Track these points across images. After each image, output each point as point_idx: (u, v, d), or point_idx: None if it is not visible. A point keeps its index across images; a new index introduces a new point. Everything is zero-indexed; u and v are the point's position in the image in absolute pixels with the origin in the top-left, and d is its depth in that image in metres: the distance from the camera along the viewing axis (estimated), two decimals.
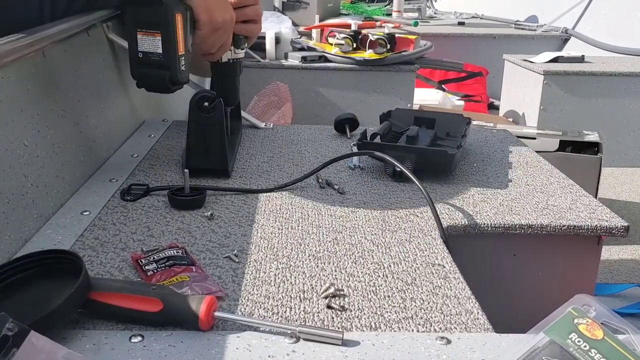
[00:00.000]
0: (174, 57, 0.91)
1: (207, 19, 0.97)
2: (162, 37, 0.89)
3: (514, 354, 0.53)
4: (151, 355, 0.56)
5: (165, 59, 0.91)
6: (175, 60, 0.92)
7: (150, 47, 0.90)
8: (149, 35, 0.90)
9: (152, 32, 0.89)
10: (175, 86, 0.96)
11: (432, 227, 0.87)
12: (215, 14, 0.98)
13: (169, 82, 0.94)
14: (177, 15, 0.90)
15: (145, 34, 0.90)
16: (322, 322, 0.63)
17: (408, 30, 3.46)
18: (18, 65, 0.82)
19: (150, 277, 0.69)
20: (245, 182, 1.02)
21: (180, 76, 0.94)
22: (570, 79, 2.66)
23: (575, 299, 0.57)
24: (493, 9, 4.50)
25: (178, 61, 0.92)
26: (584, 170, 1.82)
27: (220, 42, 1.03)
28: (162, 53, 0.90)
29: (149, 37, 0.90)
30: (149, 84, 0.96)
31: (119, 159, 1.11)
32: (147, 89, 0.97)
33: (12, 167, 0.77)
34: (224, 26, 1.00)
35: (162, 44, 0.90)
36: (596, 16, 3.70)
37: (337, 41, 2.40)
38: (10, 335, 0.47)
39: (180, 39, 0.91)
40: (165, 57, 0.91)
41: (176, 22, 0.90)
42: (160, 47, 0.90)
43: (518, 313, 0.94)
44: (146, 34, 0.90)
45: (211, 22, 0.98)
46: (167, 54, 0.91)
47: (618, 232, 0.92)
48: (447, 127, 1.21)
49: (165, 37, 0.90)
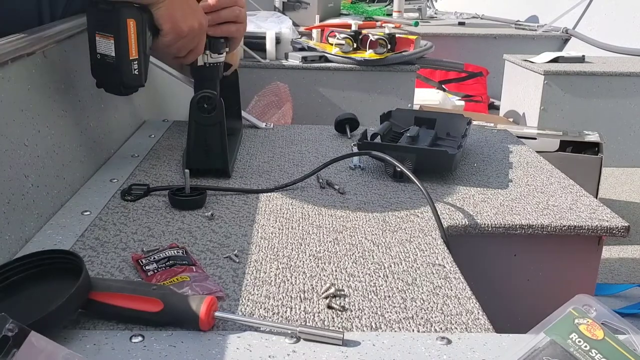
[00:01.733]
0: (125, 61, 0.91)
1: (171, 27, 0.95)
2: (115, 41, 0.90)
3: (515, 354, 0.53)
4: (151, 355, 0.56)
5: (118, 62, 0.91)
6: (127, 64, 0.92)
7: (106, 50, 0.91)
8: (105, 38, 0.90)
9: (107, 35, 0.90)
10: (128, 89, 0.96)
11: (433, 227, 0.87)
12: (180, 23, 0.96)
13: (120, 86, 0.95)
14: (129, 20, 0.90)
15: (102, 37, 0.91)
16: (323, 322, 0.63)
17: (408, 30, 3.46)
18: (19, 65, 0.82)
19: (150, 277, 0.69)
20: (245, 182, 1.02)
21: (132, 80, 0.94)
22: (571, 79, 2.66)
23: (575, 299, 0.57)
24: (493, 9, 4.50)
25: (130, 65, 0.92)
26: (584, 171, 1.82)
27: (188, 48, 1.01)
28: (115, 56, 0.91)
29: (105, 39, 0.90)
30: (105, 86, 0.96)
31: (119, 159, 1.11)
32: (105, 90, 0.97)
33: (12, 167, 0.77)
34: (190, 34, 0.98)
35: (115, 48, 0.90)
36: (596, 16, 3.70)
37: (337, 41, 2.39)
38: (10, 336, 0.47)
39: (133, 43, 0.91)
40: (117, 60, 0.91)
41: (128, 27, 0.90)
42: (114, 51, 0.91)
43: (518, 313, 0.94)
44: (102, 37, 0.91)
45: (175, 31, 0.96)
46: (119, 58, 0.91)
47: (618, 233, 0.92)
48: (448, 127, 1.21)
49: (117, 41, 0.90)
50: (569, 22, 3.83)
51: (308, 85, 2.37)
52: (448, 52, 3.40)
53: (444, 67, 3.03)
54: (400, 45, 2.41)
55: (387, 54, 2.33)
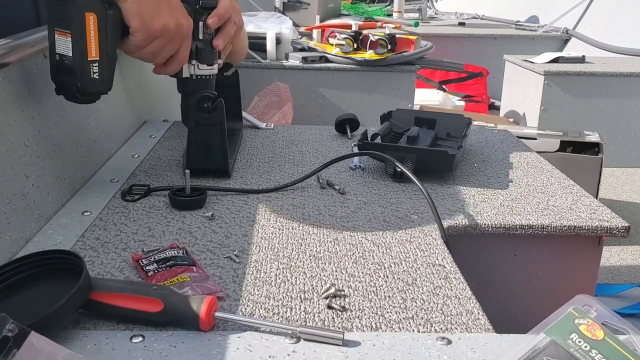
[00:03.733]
0: (82, 62, 0.79)
1: (140, 24, 0.83)
2: (72, 38, 0.78)
3: (515, 354, 0.53)
4: (152, 355, 0.56)
5: (74, 63, 0.79)
6: (84, 65, 0.80)
7: (64, 49, 0.79)
8: (63, 36, 0.79)
9: (64, 32, 0.78)
10: (85, 97, 0.83)
11: (433, 228, 0.87)
12: (151, 20, 0.83)
13: (76, 91, 0.82)
14: (88, 14, 0.78)
15: (60, 34, 0.79)
16: (323, 323, 0.63)
17: (409, 30, 3.46)
18: (19, 65, 0.82)
19: (151, 277, 0.69)
20: (246, 182, 1.02)
21: (90, 85, 0.81)
22: (571, 79, 2.66)
23: (576, 299, 0.57)
24: (494, 10, 4.50)
25: (88, 67, 0.80)
26: (584, 171, 1.82)
27: (165, 53, 0.89)
28: (72, 57, 0.79)
29: (63, 37, 0.79)
30: (63, 92, 0.84)
31: (119, 160, 1.11)
32: (64, 97, 0.84)
33: (13, 167, 0.77)
34: (166, 34, 0.86)
35: (72, 46, 0.79)
36: (597, 17, 3.70)
37: (337, 41, 2.40)
38: (10, 336, 0.47)
39: (93, 41, 0.79)
40: (74, 61, 0.79)
41: (87, 22, 0.78)
42: (71, 50, 0.79)
43: (519, 313, 0.94)
44: (60, 34, 0.79)
45: (145, 29, 0.83)
46: (75, 58, 0.79)
47: (619, 233, 0.92)
48: (448, 127, 1.22)
49: (74, 38, 0.78)
50: (569, 22, 3.83)
51: (308, 86, 2.37)
52: (448, 52, 3.41)
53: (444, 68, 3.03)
54: (400, 46, 2.42)
55: (387, 54, 2.33)
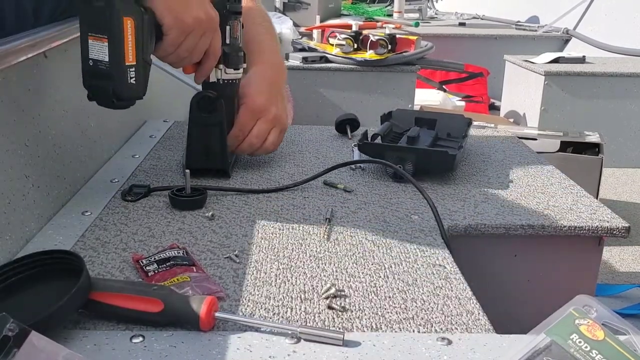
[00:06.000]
0: (120, 67, 0.80)
1: (172, 21, 0.83)
2: (109, 42, 0.79)
3: (515, 354, 0.53)
4: (152, 355, 0.56)
5: (111, 68, 0.79)
6: (122, 70, 0.80)
7: (99, 55, 0.79)
8: (98, 41, 0.79)
9: (100, 37, 0.79)
10: (121, 101, 0.83)
11: (433, 228, 0.87)
12: (182, 14, 0.83)
13: (112, 96, 0.82)
14: (126, 19, 0.78)
15: (95, 39, 0.79)
16: (323, 323, 0.63)
17: (409, 30, 3.46)
18: (19, 65, 0.82)
19: (151, 277, 0.69)
20: (246, 182, 1.02)
21: (127, 90, 0.82)
22: (571, 79, 2.66)
23: (576, 299, 0.57)
24: (494, 10, 4.50)
25: (125, 73, 0.80)
26: (584, 171, 1.82)
27: (200, 47, 0.88)
28: (109, 61, 0.79)
29: (98, 42, 0.79)
30: (97, 97, 0.84)
31: (120, 160, 1.11)
32: (98, 102, 0.84)
33: (13, 167, 0.77)
34: (199, 26, 0.85)
35: (109, 51, 0.79)
36: (597, 17, 3.70)
37: (338, 42, 2.40)
38: (11, 336, 0.47)
39: (130, 46, 0.79)
40: (111, 66, 0.79)
41: (124, 26, 0.79)
42: (107, 55, 0.79)
43: (519, 314, 0.94)
44: (95, 39, 0.79)
45: (178, 24, 0.83)
46: (112, 63, 0.79)
47: (619, 233, 0.91)
48: (448, 127, 1.21)
49: (111, 43, 0.79)
50: (569, 22, 3.83)
51: (308, 86, 2.37)
52: (448, 52, 3.40)
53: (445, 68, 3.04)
54: (400, 46, 2.42)
55: (387, 54, 2.33)
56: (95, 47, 0.80)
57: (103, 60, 0.80)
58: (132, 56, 0.80)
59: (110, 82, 0.81)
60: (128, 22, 0.79)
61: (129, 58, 0.80)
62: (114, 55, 0.79)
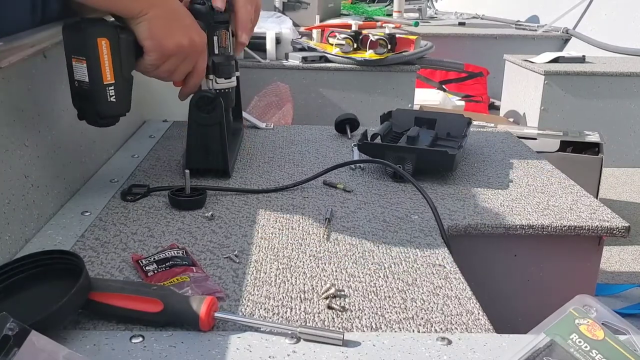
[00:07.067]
0: (98, 87, 0.82)
1: (153, 45, 0.85)
2: (86, 63, 0.81)
3: (515, 354, 0.53)
4: (152, 355, 0.56)
5: (91, 88, 0.82)
6: (101, 90, 0.83)
7: (81, 76, 0.82)
8: (79, 62, 0.82)
9: (80, 59, 0.82)
10: (104, 120, 0.86)
11: (433, 228, 0.87)
12: (164, 39, 0.85)
13: (95, 115, 0.85)
14: (100, 40, 0.81)
15: (77, 61, 0.82)
16: (323, 323, 0.63)
17: (409, 30, 3.46)
18: (19, 65, 0.82)
19: (150, 277, 0.69)
20: (245, 182, 1.02)
21: (108, 109, 0.85)
22: (571, 79, 2.66)
23: (576, 299, 0.57)
24: (494, 9, 4.50)
25: (104, 91, 0.83)
26: (584, 171, 1.82)
27: (182, 70, 0.91)
28: (88, 82, 0.82)
29: (80, 64, 0.82)
30: (85, 117, 0.87)
31: (119, 160, 1.11)
32: (87, 122, 0.87)
33: (12, 167, 0.77)
34: (179, 52, 0.87)
35: (87, 71, 0.82)
36: (597, 16, 3.70)
37: (337, 41, 2.39)
38: (11, 335, 0.47)
39: (107, 65, 0.82)
40: (90, 85, 0.82)
41: (99, 48, 0.81)
42: (87, 75, 0.82)
43: (519, 313, 0.94)
44: (78, 61, 0.82)
45: (158, 48, 0.85)
46: (91, 83, 0.82)
47: (619, 233, 0.91)
48: (448, 127, 1.21)
49: (89, 64, 0.82)
50: (569, 22, 3.83)
51: (308, 86, 2.37)
52: (448, 52, 3.40)
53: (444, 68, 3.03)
54: (400, 46, 2.41)
55: (387, 54, 2.33)
56: (78, 68, 0.83)
57: (84, 81, 0.83)
58: (110, 75, 0.83)
59: (92, 102, 0.84)
60: (103, 42, 0.82)
61: (107, 77, 0.83)
62: (91, 76, 0.82)
